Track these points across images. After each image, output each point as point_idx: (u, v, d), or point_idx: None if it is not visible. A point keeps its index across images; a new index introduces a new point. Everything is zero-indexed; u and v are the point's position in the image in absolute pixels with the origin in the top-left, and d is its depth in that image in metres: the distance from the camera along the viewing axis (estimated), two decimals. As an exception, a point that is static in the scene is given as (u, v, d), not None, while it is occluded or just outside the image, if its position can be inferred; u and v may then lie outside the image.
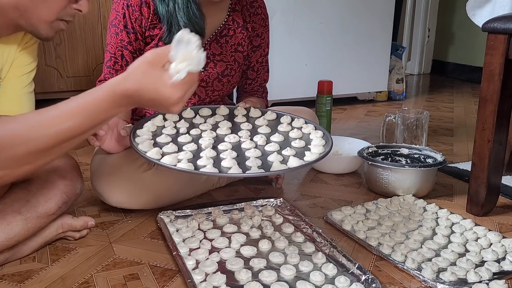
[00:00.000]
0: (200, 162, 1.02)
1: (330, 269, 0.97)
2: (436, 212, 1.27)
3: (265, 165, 1.03)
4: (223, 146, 1.11)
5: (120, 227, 1.20)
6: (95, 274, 0.99)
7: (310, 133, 1.19)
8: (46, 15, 0.94)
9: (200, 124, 1.22)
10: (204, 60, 0.78)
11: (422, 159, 1.51)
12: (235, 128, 1.21)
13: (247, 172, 1.00)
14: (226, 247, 1.06)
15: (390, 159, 1.54)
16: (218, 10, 1.35)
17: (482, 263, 1.03)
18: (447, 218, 1.23)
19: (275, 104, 2.36)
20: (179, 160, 1.01)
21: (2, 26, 0.95)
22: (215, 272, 0.95)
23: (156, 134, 1.14)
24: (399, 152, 1.55)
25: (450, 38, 3.88)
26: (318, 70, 2.58)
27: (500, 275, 0.98)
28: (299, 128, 1.22)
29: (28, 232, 1.00)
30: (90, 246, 1.11)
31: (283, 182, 1.49)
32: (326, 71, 2.59)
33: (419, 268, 1.00)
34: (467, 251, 1.08)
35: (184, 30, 0.77)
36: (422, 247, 1.09)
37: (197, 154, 1.06)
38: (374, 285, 0.92)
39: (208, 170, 0.99)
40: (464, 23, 3.58)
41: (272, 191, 1.44)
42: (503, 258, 1.05)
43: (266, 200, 1.33)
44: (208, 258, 1.01)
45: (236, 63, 1.41)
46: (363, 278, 0.94)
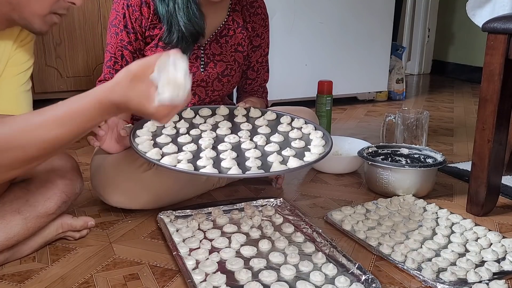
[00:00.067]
0: (200, 163, 1.02)
1: (330, 269, 0.97)
2: (436, 212, 1.27)
3: (265, 165, 1.03)
4: (223, 147, 1.10)
5: (120, 227, 1.20)
6: (95, 274, 0.99)
7: (310, 133, 1.19)
8: (38, 8, 0.92)
9: (200, 124, 1.22)
10: (189, 88, 0.77)
11: (422, 159, 1.51)
12: (235, 128, 1.21)
13: (247, 172, 0.99)
14: (226, 247, 1.06)
15: (390, 159, 1.54)
16: (218, 10, 1.35)
17: (482, 263, 1.03)
18: (447, 218, 1.23)
19: (275, 104, 2.36)
20: (179, 161, 1.01)
21: None
22: (215, 272, 0.95)
23: (156, 134, 1.14)
24: (399, 152, 1.55)
25: (450, 38, 3.88)
26: (318, 70, 2.58)
27: (500, 275, 0.98)
28: (299, 128, 1.22)
29: (27, 232, 1.00)
30: (90, 246, 1.11)
31: (283, 182, 1.49)
32: (326, 71, 2.59)
33: (419, 268, 1.00)
34: (467, 251, 1.08)
35: (174, 53, 0.77)
36: (422, 247, 1.09)
37: (197, 154, 1.06)
38: (374, 285, 0.92)
39: (208, 171, 0.99)
40: (464, 23, 3.58)
41: (272, 191, 1.44)
42: (503, 258, 1.05)
43: (266, 200, 1.33)
44: (208, 258, 1.01)
45: (236, 63, 1.41)
46: (363, 278, 0.94)
